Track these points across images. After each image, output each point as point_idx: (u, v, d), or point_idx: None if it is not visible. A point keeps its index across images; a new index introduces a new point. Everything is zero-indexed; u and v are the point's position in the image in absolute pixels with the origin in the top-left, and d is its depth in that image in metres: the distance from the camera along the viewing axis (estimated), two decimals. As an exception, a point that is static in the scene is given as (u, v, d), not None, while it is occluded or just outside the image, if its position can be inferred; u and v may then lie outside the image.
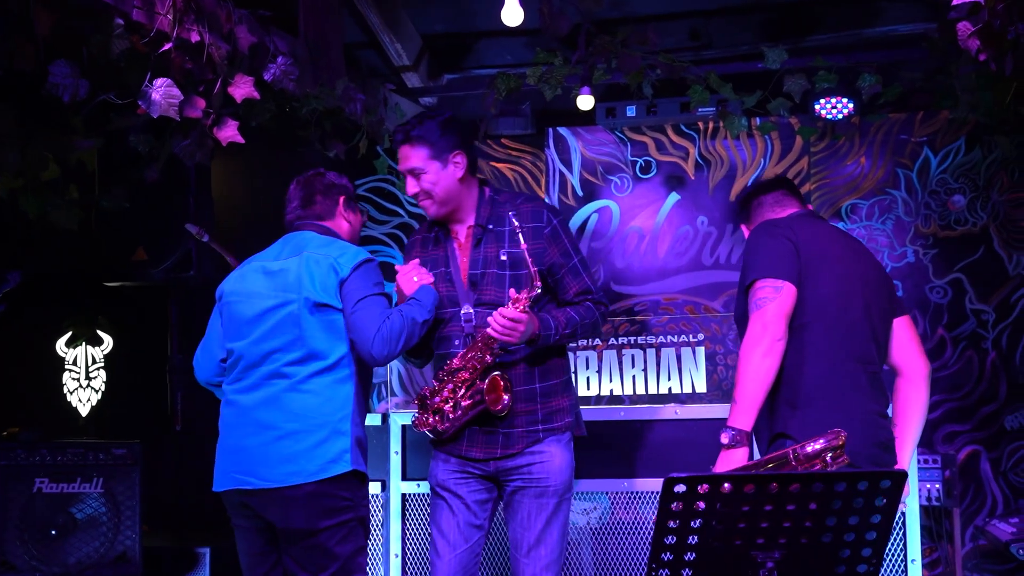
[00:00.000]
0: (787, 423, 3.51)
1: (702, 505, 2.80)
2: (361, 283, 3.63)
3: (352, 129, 5.79)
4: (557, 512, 3.80)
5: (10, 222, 5.49)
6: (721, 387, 6.07)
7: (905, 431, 3.73)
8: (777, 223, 3.67)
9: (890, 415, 3.73)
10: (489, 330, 3.64)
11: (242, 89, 4.34)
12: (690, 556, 2.88)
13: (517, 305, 3.62)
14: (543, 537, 3.77)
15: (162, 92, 3.95)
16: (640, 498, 4.78)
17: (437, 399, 3.79)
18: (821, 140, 6.16)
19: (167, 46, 3.94)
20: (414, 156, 3.77)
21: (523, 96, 5.83)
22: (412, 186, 3.81)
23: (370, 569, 5.00)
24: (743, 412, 3.43)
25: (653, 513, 4.68)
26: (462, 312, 3.77)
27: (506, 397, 3.72)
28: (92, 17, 3.66)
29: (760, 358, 3.41)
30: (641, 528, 4.78)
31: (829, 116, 5.72)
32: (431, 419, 3.80)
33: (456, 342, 3.81)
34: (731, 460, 3.45)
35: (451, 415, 3.76)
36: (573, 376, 6.15)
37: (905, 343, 3.76)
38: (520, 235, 3.64)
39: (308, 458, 3.55)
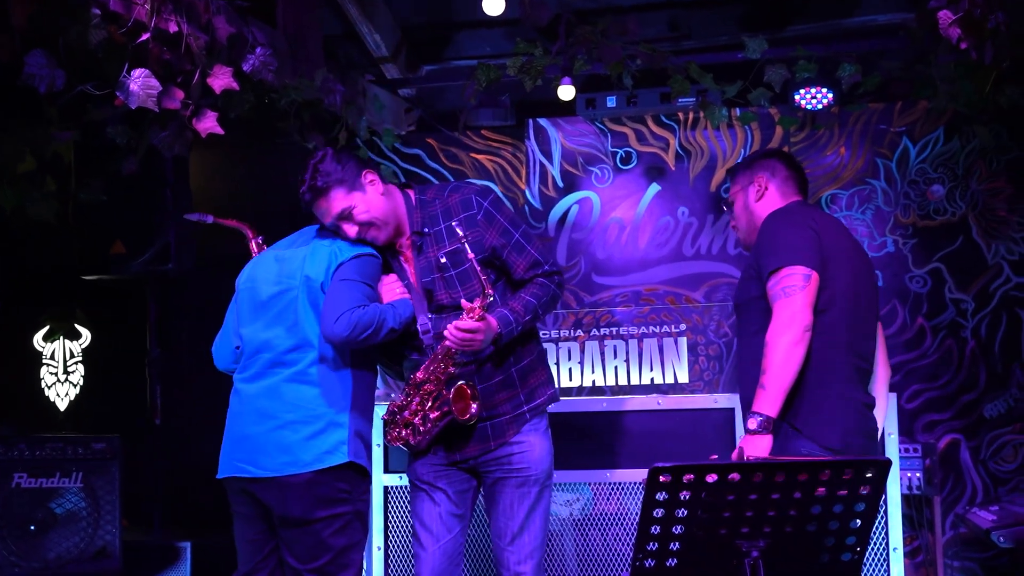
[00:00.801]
0: (787, 407, 3.52)
1: (687, 495, 2.81)
2: (351, 270, 3.62)
3: (331, 121, 5.76)
4: (539, 500, 3.79)
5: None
6: (703, 377, 6.07)
7: None
8: (791, 211, 3.67)
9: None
10: (447, 343, 3.62)
11: (221, 80, 4.30)
12: (675, 545, 2.89)
13: (472, 315, 3.56)
14: (526, 525, 3.77)
15: (140, 83, 3.90)
16: (623, 489, 4.78)
17: (406, 413, 3.78)
18: (801, 130, 6.16)
19: (145, 36, 3.90)
20: (335, 200, 3.66)
21: (503, 87, 5.80)
22: (351, 230, 3.70)
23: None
24: (772, 398, 3.44)
25: (636, 504, 4.68)
26: (419, 324, 3.76)
27: (474, 405, 3.72)
28: (69, 7, 3.62)
29: (791, 345, 3.42)
30: (624, 519, 4.78)
31: (809, 106, 5.72)
32: (403, 432, 3.79)
33: (416, 355, 3.82)
34: (758, 446, 3.47)
35: (421, 428, 3.75)
36: (556, 367, 6.14)
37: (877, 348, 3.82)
38: (458, 228, 3.59)
39: (304, 448, 3.56)
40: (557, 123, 6.43)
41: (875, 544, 4.67)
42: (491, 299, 3.60)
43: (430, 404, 3.73)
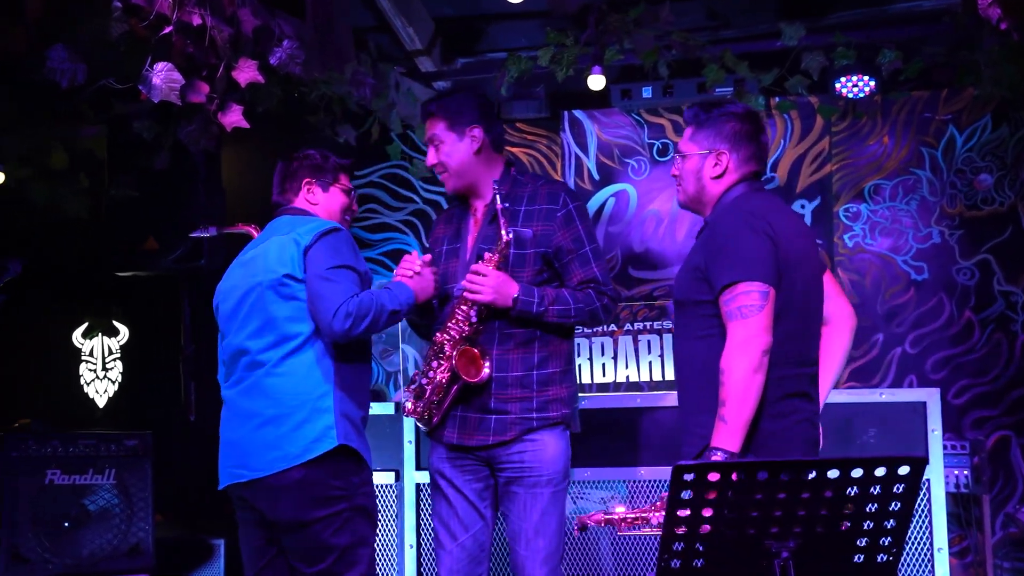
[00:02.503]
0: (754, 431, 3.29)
1: (713, 494, 2.71)
2: (326, 254, 3.47)
3: (363, 114, 5.72)
4: (553, 503, 3.70)
5: (17, 211, 5.45)
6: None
7: (822, 380, 3.44)
8: (754, 213, 3.35)
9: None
10: (464, 292, 3.63)
11: (246, 73, 4.27)
12: (702, 546, 2.79)
13: (489, 264, 3.60)
14: (541, 528, 3.69)
15: (163, 76, 3.88)
16: (659, 487, 4.70)
17: (423, 380, 3.72)
18: (843, 119, 6.03)
19: (167, 29, 3.87)
20: (433, 126, 3.81)
21: (537, 79, 5.73)
22: (431, 156, 3.83)
23: (384, 560, 4.93)
24: (734, 433, 3.12)
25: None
26: (456, 288, 3.71)
27: (486, 365, 3.63)
28: (88, 0, 3.59)
29: (750, 373, 3.12)
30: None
31: (850, 94, 5.61)
32: (417, 404, 3.72)
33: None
34: None
35: (428, 390, 3.69)
36: (588, 363, 6.06)
37: (832, 297, 3.49)
38: (511, 217, 3.65)
39: (291, 441, 3.42)
40: (592, 115, 6.35)
41: (920, 544, 4.55)
42: (504, 244, 3.61)
43: (443, 366, 3.66)
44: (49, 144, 5.05)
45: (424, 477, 4.85)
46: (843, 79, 5.58)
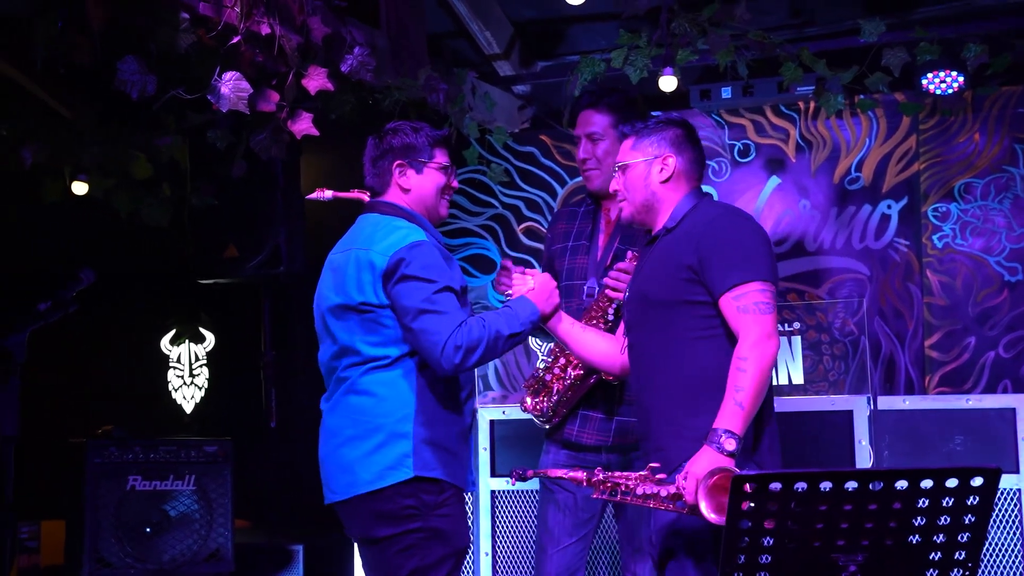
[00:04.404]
0: (752, 436, 3.17)
1: (775, 505, 2.63)
2: (413, 285, 3.20)
3: (440, 120, 5.71)
4: None
5: (100, 221, 5.56)
6: (827, 378, 5.81)
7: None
8: (741, 213, 3.31)
9: None
10: (606, 289, 3.60)
11: (316, 81, 4.29)
12: (765, 559, 2.71)
13: (633, 263, 3.56)
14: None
15: (231, 86, 3.92)
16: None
17: (548, 376, 3.68)
18: (930, 117, 5.86)
19: (235, 39, 3.90)
20: (598, 121, 3.82)
21: (612, 81, 5.66)
22: (585, 150, 3.82)
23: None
24: (747, 420, 3.06)
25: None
26: (587, 285, 3.68)
27: None
28: (156, 11, 3.63)
29: (770, 365, 3.10)
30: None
31: (938, 91, 5.43)
32: (540, 400, 3.70)
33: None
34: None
35: (556, 387, 3.65)
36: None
37: None
38: None
39: (364, 466, 3.25)
40: (672, 117, 6.26)
41: (1009, 556, 4.39)
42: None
43: (574, 362, 3.63)
44: (130, 154, 5.13)
45: (499, 484, 4.83)
46: (930, 75, 5.41)
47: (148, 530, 5.14)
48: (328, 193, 3.54)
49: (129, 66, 3.78)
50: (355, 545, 4.01)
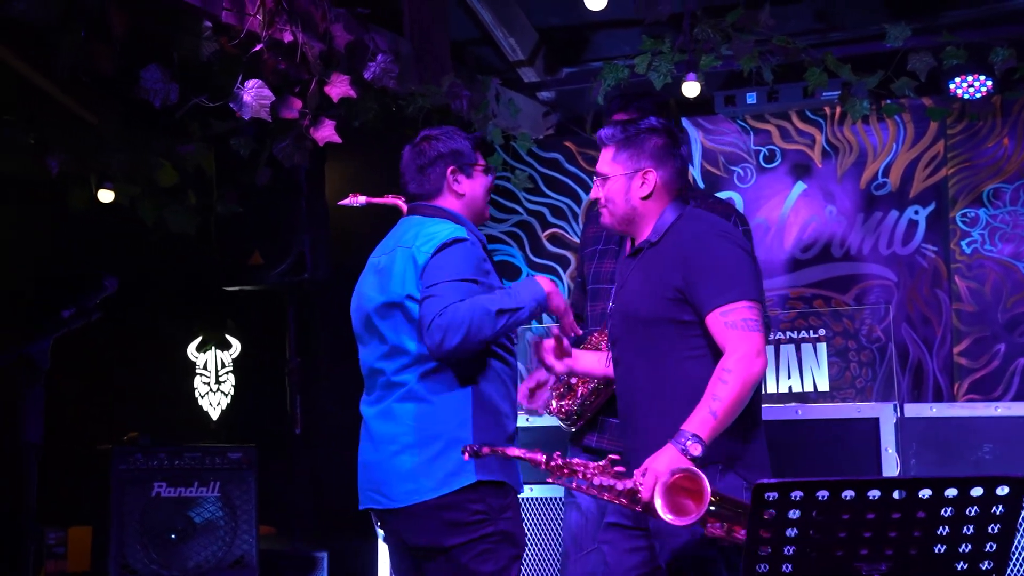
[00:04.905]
0: (740, 448, 3.16)
1: (796, 513, 2.61)
2: (438, 269, 3.21)
3: (464, 127, 5.71)
4: None
5: (126, 228, 5.59)
6: (855, 385, 5.77)
7: None
8: (728, 229, 3.24)
9: None
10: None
11: (338, 88, 4.30)
12: (787, 567, 2.68)
13: None
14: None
15: (253, 94, 3.93)
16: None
17: (574, 379, 3.66)
18: (958, 121, 5.81)
19: (258, 47, 3.91)
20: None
21: (636, 87, 5.65)
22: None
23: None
24: (716, 432, 3.01)
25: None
26: (614, 287, 3.68)
27: None
28: (178, 20, 3.65)
29: (752, 384, 3.06)
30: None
31: (966, 95, 5.38)
32: (564, 402, 3.68)
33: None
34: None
35: (580, 391, 3.63)
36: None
37: None
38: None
39: (426, 473, 3.22)
40: (697, 122, 6.24)
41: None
42: None
43: None
44: (156, 161, 5.16)
45: (525, 491, 4.81)
46: (958, 79, 5.37)
47: (173, 536, 5.15)
48: (361, 199, 3.55)
49: (152, 74, 3.80)
50: (379, 551, 4.01)
